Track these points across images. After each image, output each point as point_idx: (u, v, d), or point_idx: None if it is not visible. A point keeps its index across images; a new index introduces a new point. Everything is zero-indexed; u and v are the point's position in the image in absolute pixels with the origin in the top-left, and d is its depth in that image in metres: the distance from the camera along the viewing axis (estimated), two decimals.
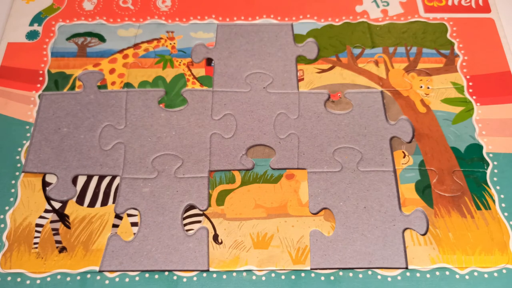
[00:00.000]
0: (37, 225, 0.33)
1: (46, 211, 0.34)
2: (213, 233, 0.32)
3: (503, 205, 0.33)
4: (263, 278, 0.31)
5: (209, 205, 0.34)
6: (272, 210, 0.33)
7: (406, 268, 0.31)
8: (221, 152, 0.36)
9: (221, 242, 0.32)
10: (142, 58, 0.40)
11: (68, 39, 0.41)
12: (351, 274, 0.31)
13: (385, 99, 0.38)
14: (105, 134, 0.37)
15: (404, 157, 0.35)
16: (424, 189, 0.34)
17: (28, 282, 0.31)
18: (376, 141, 0.36)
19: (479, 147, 0.36)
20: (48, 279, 0.31)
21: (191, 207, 0.34)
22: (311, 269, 0.31)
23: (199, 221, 0.33)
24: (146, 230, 0.33)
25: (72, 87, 0.39)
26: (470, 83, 0.39)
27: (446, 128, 0.37)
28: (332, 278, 0.31)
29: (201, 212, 0.33)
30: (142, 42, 0.41)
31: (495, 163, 0.35)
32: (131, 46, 0.41)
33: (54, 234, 0.33)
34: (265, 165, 0.35)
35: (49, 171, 0.35)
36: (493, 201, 0.34)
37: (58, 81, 0.39)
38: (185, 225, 0.33)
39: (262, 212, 0.33)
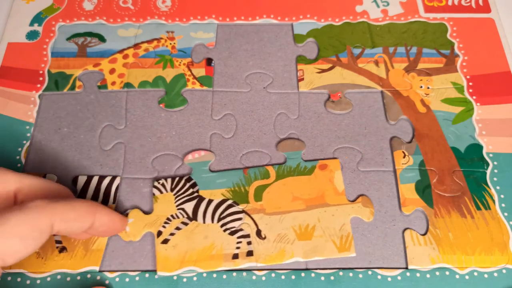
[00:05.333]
0: None
1: None
2: (256, 228, 0.32)
3: (503, 205, 0.33)
4: (263, 278, 0.31)
5: (247, 201, 0.34)
6: (310, 201, 0.34)
7: (406, 268, 0.31)
8: (221, 152, 0.36)
9: (265, 237, 0.32)
10: (142, 58, 0.40)
11: (68, 39, 0.41)
12: (351, 274, 0.31)
13: (385, 99, 0.38)
14: (105, 134, 0.37)
15: (404, 157, 0.35)
16: (424, 189, 0.34)
17: (28, 282, 0.31)
18: (376, 141, 0.36)
19: (479, 147, 0.36)
20: (48, 279, 0.31)
21: (230, 205, 0.33)
22: (311, 269, 0.31)
23: (240, 218, 0.33)
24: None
25: (72, 87, 0.39)
26: (470, 83, 0.39)
27: (446, 128, 0.37)
28: (332, 278, 0.31)
29: (241, 210, 0.33)
30: (142, 42, 0.41)
31: (495, 163, 0.35)
32: (131, 46, 0.41)
33: (54, 234, 0.33)
34: (297, 157, 0.35)
35: (49, 171, 0.35)
36: (493, 201, 0.34)
37: (58, 81, 0.39)
38: (226, 223, 0.33)
39: (300, 204, 0.33)
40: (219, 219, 0.33)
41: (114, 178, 0.35)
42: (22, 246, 0.22)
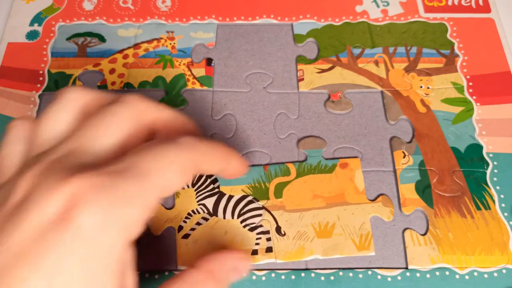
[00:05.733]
0: None
1: None
2: (275, 225, 0.33)
3: (503, 205, 0.33)
4: (263, 278, 0.31)
5: (268, 198, 0.34)
6: (331, 199, 0.34)
7: (406, 268, 0.31)
8: None
9: (284, 234, 0.32)
10: (142, 58, 0.40)
11: (68, 39, 0.41)
12: (351, 274, 0.31)
13: (385, 99, 0.38)
14: None
15: (404, 157, 0.35)
16: (424, 189, 0.34)
17: None
18: (376, 141, 0.36)
19: (479, 147, 0.36)
20: None
21: (250, 201, 0.33)
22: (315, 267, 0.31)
23: (260, 215, 0.33)
24: (146, 230, 0.33)
25: None
26: (470, 83, 0.39)
27: (446, 128, 0.37)
28: (332, 278, 0.31)
29: (261, 206, 0.33)
30: (142, 42, 0.41)
31: (495, 163, 0.35)
32: (131, 46, 0.41)
33: None
34: (317, 155, 0.35)
35: None
36: (493, 201, 0.34)
37: (58, 81, 0.39)
38: (246, 219, 0.33)
39: (321, 202, 0.33)
40: (239, 215, 0.33)
41: None
42: (180, 180, 0.21)
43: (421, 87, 0.39)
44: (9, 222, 0.18)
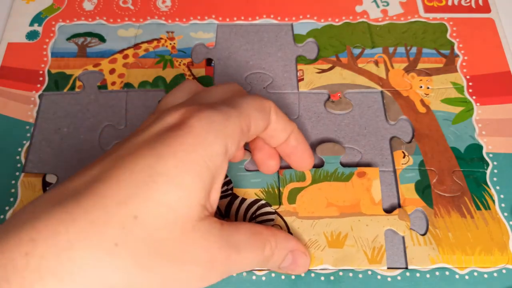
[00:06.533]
0: None
1: None
2: (287, 231, 0.32)
3: (502, 205, 0.33)
4: (263, 278, 0.31)
5: (281, 203, 0.33)
6: (345, 209, 0.33)
7: (406, 268, 0.31)
8: None
9: None
10: (142, 58, 0.40)
11: (68, 39, 0.42)
12: (351, 274, 0.31)
13: (385, 99, 0.38)
14: (105, 134, 0.37)
15: (404, 157, 0.35)
16: (424, 189, 0.34)
17: None
18: (376, 141, 0.36)
19: (479, 147, 0.36)
20: None
21: (263, 205, 0.33)
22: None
23: (272, 219, 0.33)
24: None
25: (72, 87, 0.39)
26: (470, 83, 0.39)
27: (446, 128, 0.37)
28: (332, 278, 0.31)
29: (274, 211, 0.33)
30: (142, 42, 0.41)
31: (495, 163, 0.35)
32: (131, 46, 0.41)
33: None
34: (335, 162, 0.35)
35: (49, 171, 0.35)
36: (493, 201, 0.34)
37: (58, 81, 0.39)
38: (257, 223, 0.32)
39: (334, 211, 0.33)
40: (251, 219, 0.33)
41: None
42: (256, 122, 0.26)
43: (421, 87, 0.39)
44: (141, 130, 0.24)
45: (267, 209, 0.33)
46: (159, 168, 0.22)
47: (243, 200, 0.34)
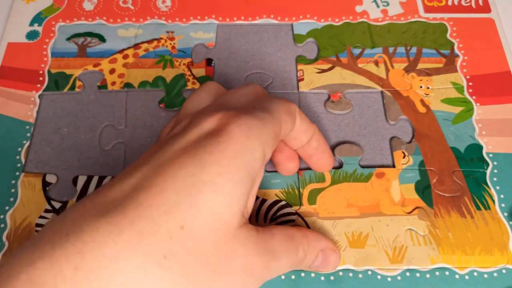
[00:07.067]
0: (37, 225, 0.33)
1: (47, 211, 0.34)
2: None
3: (502, 205, 0.33)
4: None
5: (301, 204, 0.33)
6: (365, 209, 0.33)
7: (406, 268, 0.31)
8: None
9: None
10: (142, 58, 0.40)
11: (68, 39, 0.42)
12: (351, 274, 0.31)
13: (385, 99, 0.38)
14: (105, 134, 0.37)
15: (404, 157, 0.35)
16: (424, 189, 0.34)
17: None
18: (376, 141, 0.36)
19: (479, 147, 0.36)
20: None
21: (284, 206, 0.33)
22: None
23: (293, 220, 0.33)
24: None
25: (72, 87, 0.39)
26: (470, 83, 0.39)
27: (446, 128, 0.37)
28: (332, 278, 0.31)
29: (294, 211, 0.33)
30: (142, 42, 0.41)
31: (495, 163, 0.35)
32: (131, 46, 0.41)
33: None
34: (353, 163, 0.35)
35: (49, 171, 0.35)
36: (493, 201, 0.34)
37: (58, 81, 0.39)
38: (278, 224, 0.32)
39: (355, 211, 0.33)
40: (272, 219, 0.33)
41: (114, 178, 0.35)
42: (286, 124, 0.27)
43: (421, 87, 0.39)
44: (176, 135, 0.24)
45: (288, 210, 0.33)
46: (203, 176, 0.21)
47: (264, 201, 0.34)
